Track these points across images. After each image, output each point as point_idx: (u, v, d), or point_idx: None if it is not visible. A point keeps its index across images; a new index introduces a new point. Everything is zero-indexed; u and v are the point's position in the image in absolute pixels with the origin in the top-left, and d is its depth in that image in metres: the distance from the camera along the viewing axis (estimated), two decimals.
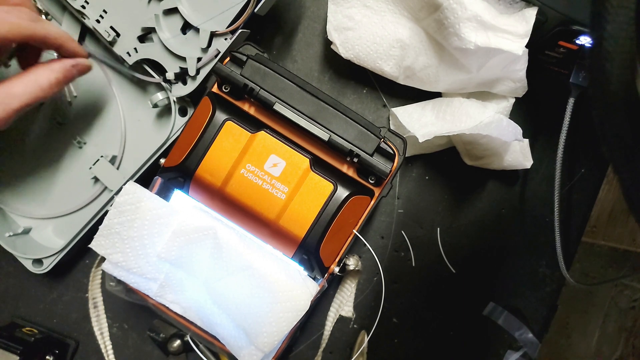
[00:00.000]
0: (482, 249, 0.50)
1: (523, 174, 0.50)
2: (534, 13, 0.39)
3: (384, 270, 0.50)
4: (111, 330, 0.49)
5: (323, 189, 0.36)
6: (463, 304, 0.51)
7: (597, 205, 0.96)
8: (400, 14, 0.43)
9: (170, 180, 0.38)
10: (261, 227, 0.37)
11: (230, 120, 0.36)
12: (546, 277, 0.51)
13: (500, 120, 0.44)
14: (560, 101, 0.44)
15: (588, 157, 0.50)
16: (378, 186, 0.38)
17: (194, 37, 0.41)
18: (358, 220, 0.38)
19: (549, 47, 0.43)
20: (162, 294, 0.38)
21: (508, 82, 0.45)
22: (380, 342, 0.50)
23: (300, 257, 0.37)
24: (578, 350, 1.20)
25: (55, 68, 0.38)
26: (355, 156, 0.36)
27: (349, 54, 0.44)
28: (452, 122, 0.45)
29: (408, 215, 0.50)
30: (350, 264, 0.44)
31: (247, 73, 0.36)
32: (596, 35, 0.21)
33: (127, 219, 0.36)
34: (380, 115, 0.49)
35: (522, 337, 0.50)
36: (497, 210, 0.50)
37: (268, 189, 0.36)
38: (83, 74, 0.40)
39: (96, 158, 0.44)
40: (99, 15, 0.41)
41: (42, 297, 0.49)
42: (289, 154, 0.36)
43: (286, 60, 0.49)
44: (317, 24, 0.49)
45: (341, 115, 0.36)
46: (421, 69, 0.44)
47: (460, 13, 0.38)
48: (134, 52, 0.42)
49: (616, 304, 1.20)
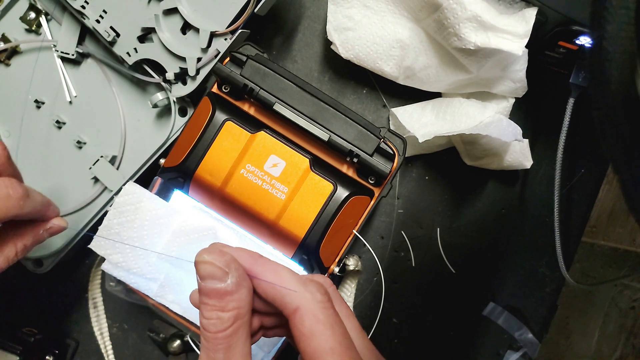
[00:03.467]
0: (482, 249, 0.50)
1: (523, 174, 0.50)
2: (533, 13, 0.39)
3: (384, 271, 0.50)
4: (111, 330, 0.49)
5: (323, 189, 0.36)
6: (463, 304, 0.51)
7: (597, 205, 0.96)
8: (400, 14, 0.43)
9: (170, 180, 0.38)
10: (261, 227, 0.37)
11: (230, 121, 0.36)
12: (546, 277, 0.51)
13: (500, 120, 0.44)
14: (560, 101, 0.44)
15: (588, 157, 0.50)
16: (378, 186, 0.38)
17: (193, 37, 0.41)
18: (358, 220, 0.38)
19: (548, 47, 0.43)
20: (162, 294, 0.38)
21: (508, 82, 0.45)
22: (380, 342, 0.50)
23: (300, 258, 0.37)
24: (578, 350, 1.20)
25: (25, 235, 0.34)
26: (355, 156, 0.36)
27: (349, 54, 0.44)
28: (452, 122, 0.45)
29: (408, 216, 0.50)
30: (350, 264, 0.44)
31: (247, 73, 0.36)
32: (596, 35, 0.21)
33: (127, 219, 0.36)
34: (380, 116, 0.49)
35: (522, 338, 0.50)
36: (497, 210, 0.50)
37: (268, 189, 0.36)
38: (54, 234, 0.36)
39: (96, 158, 0.44)
40: (98, 15, 0.41)
41: (42, 297, 0.49)
42: (288, 154, 0.36)
43: (286, 60, 0.49)
44: (316, 24, 0.49)
45: (341, 116, 0.36)
46: (421, 69, 0.44)
47: (460, 13, 0.38)
48: (134, 52, 0.42)
49: (616, 304, 1.20)
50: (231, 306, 0.25)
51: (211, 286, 0.25)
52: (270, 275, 0.26)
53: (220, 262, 0.26)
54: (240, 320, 0.25)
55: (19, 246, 0.33)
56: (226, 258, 0.26)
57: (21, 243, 0.33)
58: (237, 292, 0.25)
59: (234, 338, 0.25)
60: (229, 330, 0.25)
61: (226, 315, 0.25)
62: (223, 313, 0.25)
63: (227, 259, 0.26)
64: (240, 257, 0.27)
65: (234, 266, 0.26)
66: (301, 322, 0.25)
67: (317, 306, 0.25)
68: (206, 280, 0.26)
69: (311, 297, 0.26)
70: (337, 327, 0.25)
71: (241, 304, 0.26)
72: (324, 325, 0.25)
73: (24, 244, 0.33)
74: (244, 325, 0.26)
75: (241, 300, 0.26)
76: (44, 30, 0.44)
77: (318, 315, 0.25)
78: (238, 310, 0.25)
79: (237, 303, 0.25)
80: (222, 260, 0.26)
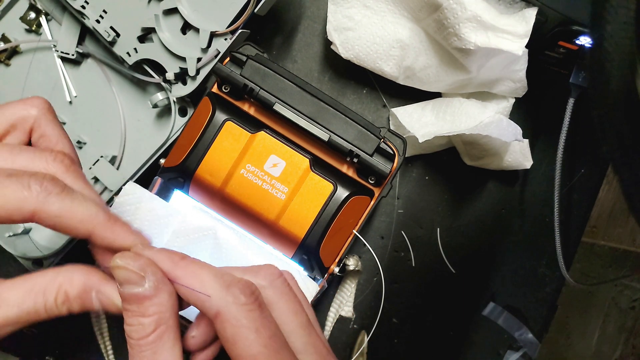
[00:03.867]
0: (482, 249, 0.50)
1: (523, 174, 0.50)
2: (534, 13, 0.39)
3: (384, 271, 0.50)
4: (111, 330, 0.49)
5: (323, 189, 0.36)
6: (463, 304, 0.51)
7: (597, 205, 0.96)
8: (400, 14, 0.43)
9: (170, 180, 0.38)
10: (261, 227, 0.37)
11: (230, 121, 0.36)
12: (546, 277, 0.51)
13: (500, 120, 0.44)
14: (560, 101, 0.44)
15: (588, 157, 0.50)
16: (378, 186, 0.38)
17: (193, 38, 0.41)
18: (358, 220, 0.38)
19: (549, 47, 0.43)
20: None
21: (508, 83, 0.45)
22: (380, 342, 0.50)
23: (300, 258, 0.37)
24: (578, 350, 1.20)
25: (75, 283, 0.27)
26: (355, 156, 0.36)
27: (349, 54, 0.44)
28: (452, 122, 0.45)
29: (408, 216, 0.50)
30: (350, 264, 0.44)
31: (247, 73, 0.36)
32: (596, 35, 0.21)
33: (126, 219, 0.36)
34: (380, 116, 0.49)
35: (522, 338, 0.50)
36: (497, 210, 0.50)
37: (268, 189, 0.36)
38: None
39: (96, 158, 0.44)
40: (98, 15, 0.41)
41: None
42: (288, 154, 0.36)
43: (286, 60, 0.49)
44: (316, 24, 0.49)
45: (341, 116, 0.36)
46: (421, 69, 0.44)
47: (460, 13, 0.38)
48: (134, 52, 0.42)
49: (616, 304, 1.20)
50: (151, 311, 0.24)
51: (129, 291, 0.24)
52: (190, 279, 0.25)
53: (134, 266, 0.24)
54: (163, 326, 0.24)
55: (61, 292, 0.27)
56: (141, 262, 0.25)
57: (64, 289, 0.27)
58: (157, 296, 0.24)
59: (159, 344, 0.24)
60: (151, 336, 0.24)
61: (147, 321, 0.24)
62: (144, 319, 0.24)
63: (141, 263, 0.25)
64: (159, 260, 0.26)
65: (151, 270, 0.25)
66: (222, 328, 0.24)
67: (239, 310, 0.24)
68: (124, 285, 0.25)
69: (233, 300, 0.25)
70: (264, 329, 0.25)
71: (162, 309, 0.24)
72: (248, 329, 0.24)
73: (66, 290, 0.27)
74: (168, 330, 0.25)
75: (162, 305, 0.24)
76: (44, 30, 0.44)
77: (241, 320, 0.24)
78: (159, 315, 0.24)
79: (158, 307, 0.24)
80: (136, 264, 0.24)
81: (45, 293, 0.26)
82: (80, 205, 0.26)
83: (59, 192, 0.25)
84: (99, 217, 0.26)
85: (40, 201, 0.24)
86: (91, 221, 0.26)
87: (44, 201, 0.24)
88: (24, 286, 0.25)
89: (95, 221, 0.26)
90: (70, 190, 0.26)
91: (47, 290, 0.26)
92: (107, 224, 0.27)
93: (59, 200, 0.25)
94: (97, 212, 0.26)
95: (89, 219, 0.26)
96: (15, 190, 0.24)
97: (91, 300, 0.27)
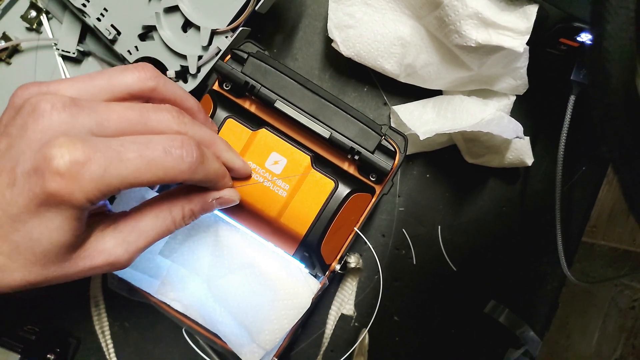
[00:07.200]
0: (483, 247, 0.50)
1: (524, 171, 0.51)
2: (535, 10, 0.39)
3: (385, 269, 0.50)
4: (112, 328, 0.49)
5: (324, 187, 0.36)
6: (464, 301, 0.51)
7: (597, 205, 0.96)
8: (401, 12, 0.43)
9: None
10: (262, 224, 0.37)
11: (231, 118, 0.36)
12: (547, 274, 0.51)
13: (501, 117, 0.44)
14: (561, 98, 0.44)
15: (589, 155, 0.50)
16: (379, 184, 0.38)
17: (194, 35, 0.41)
18: (359, 217, 0.38)
19: (550, 44, 0.43)
20: (163, 292, 0.38)
21: (509, 80, 0.45)
22: (382, 340, 0.50)
23: (301, 255, 0.37)
24: (578, 350, 1.20)
25: (193, 200, 0.31)
26: (357, 154, 0.36)
27: (350, 52, 0.44)
28: (453, 119, 0.45)
29: (409, 213, 0.50)
30: (351, 262, 0.44)
31: (248, 71, 0.36)
32: (596, 34, 0.21)
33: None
34: (381, 113, 0.49)
35: (524, 335, 0.50)
36: (498, 208, 0.50)
37: (269, 187, 0.36)
38: (224, 206, 0.34)
39: None
40: (99, 13, 0.41)
41: (43, 296, 0.49)
42: (290, 151, 0.36)
43: (287, 58, 0.49)
44: (317, 22, 0.49)
45: (342, 113, 0.36)
46: (422, 67, 0.44)
47: (461, 10, 0.38)
48: (135, 51, 0.42)
49: (616, 304, 1.20)
50: None
51: None
52: None
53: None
54: None
55: (186, 210, 0.31)
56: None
57: (188, 207, 0.31)
58: None
59: None
60: None
61: None
62: None
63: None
64: None
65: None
66: None
67: None
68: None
69: None
70: None
71: None
72: None
73: (191, 208, 0.31)
74: None
75: None
76: (45, 29, 0.44)
77: None
78: None
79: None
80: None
81: (172, 212, 0.30)
82: (237, 160, 0.34)
83: None
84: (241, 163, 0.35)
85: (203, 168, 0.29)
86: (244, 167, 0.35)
87: None
88: (152, 212, 0.30)
89: (222, 173, 0.32)
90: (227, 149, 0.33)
91: (172, 210, 0.30)
92: (244, 165, 0.35)
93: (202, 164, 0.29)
94: (243, 162, 0.35)
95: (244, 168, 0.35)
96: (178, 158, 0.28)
97: (212, 205, 0.33)
